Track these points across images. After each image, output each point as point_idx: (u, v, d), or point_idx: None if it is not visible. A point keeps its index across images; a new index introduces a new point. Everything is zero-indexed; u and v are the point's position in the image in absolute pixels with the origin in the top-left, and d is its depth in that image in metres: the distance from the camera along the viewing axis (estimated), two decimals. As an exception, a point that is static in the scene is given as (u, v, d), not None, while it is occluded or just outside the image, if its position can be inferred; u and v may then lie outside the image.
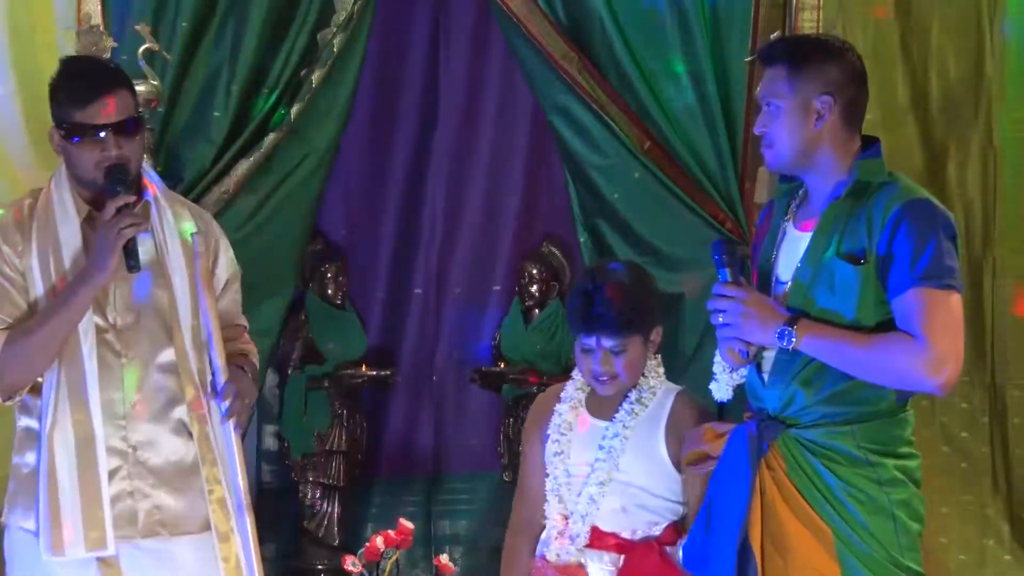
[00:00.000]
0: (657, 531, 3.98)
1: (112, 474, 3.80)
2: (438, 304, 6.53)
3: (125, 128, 3.78)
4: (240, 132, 5.46)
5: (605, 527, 3.96)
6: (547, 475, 4.05)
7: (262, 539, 4.07)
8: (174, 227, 3.91)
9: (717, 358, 3.79)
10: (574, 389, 4.12)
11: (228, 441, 3.91)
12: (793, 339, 3.50)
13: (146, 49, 5.28)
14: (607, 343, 3.96)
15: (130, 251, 3.72)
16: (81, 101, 3.77)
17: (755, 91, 4.79)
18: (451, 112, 6.43)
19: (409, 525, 5.45)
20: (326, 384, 6.28)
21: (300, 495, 6.29)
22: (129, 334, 3.84)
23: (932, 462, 5.17)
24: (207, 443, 3.86)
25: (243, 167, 5.45)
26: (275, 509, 6.29)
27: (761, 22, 5.46)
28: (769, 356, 3.65)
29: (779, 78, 3.60)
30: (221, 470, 3.87)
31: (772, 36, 5.30)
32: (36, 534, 3.77)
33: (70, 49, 5.31)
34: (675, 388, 4.07)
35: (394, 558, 5.53)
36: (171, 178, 5.13)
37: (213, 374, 3.89)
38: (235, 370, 3.92)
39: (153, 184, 3.95)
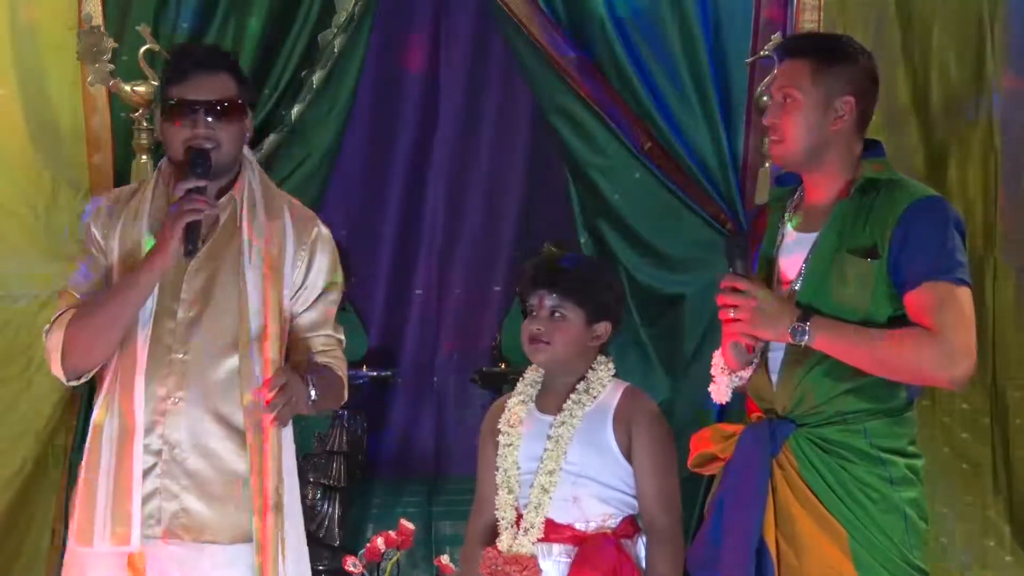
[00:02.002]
0: (612, 523, 3.98)
1: (147, 472, 3.70)
2: (439, 305, 6.53)
3: (217, 109, 3.72)
4: (241, 133, 5.45)
5: (559, 519, 3.96)
6: (497, 468, 4.05)
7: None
8: (264, 228, 3.81)
9: (714, 361, 3.79)
10: (524, 385, 4.14)
11: (287, 453, 3.81)
12: (807, 336, 3.50)
13: (147, 50, 5.29)
14: (548, 301, 4.00)
15: (188, 235, 3.61)
16: (178, 76, 3.75)
17: (756, 90, 4.79)
18: (451, 113, 6.43)
19: (410, 526, 5.45)
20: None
21: (301, 496, 6.29)
22: (190, 329, 3.73)
23: (933, 463, 5.17)
24: (260, 454, 3.72)
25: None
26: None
27: (762, 22, 5.46)
28: (775, 356, 3.65)
29: (803, 72, 3.61)
30: (271, 483, 3.73)
31: (773, 36, 5.30)
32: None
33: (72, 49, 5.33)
34: (623, 383, 4.08)
35: (395, 559, 5.53)
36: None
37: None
38: (289, 370, 3.72)
39: (250, 180, 3.86)
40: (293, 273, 3.83)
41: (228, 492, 3.73)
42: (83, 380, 3.78)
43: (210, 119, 3.71)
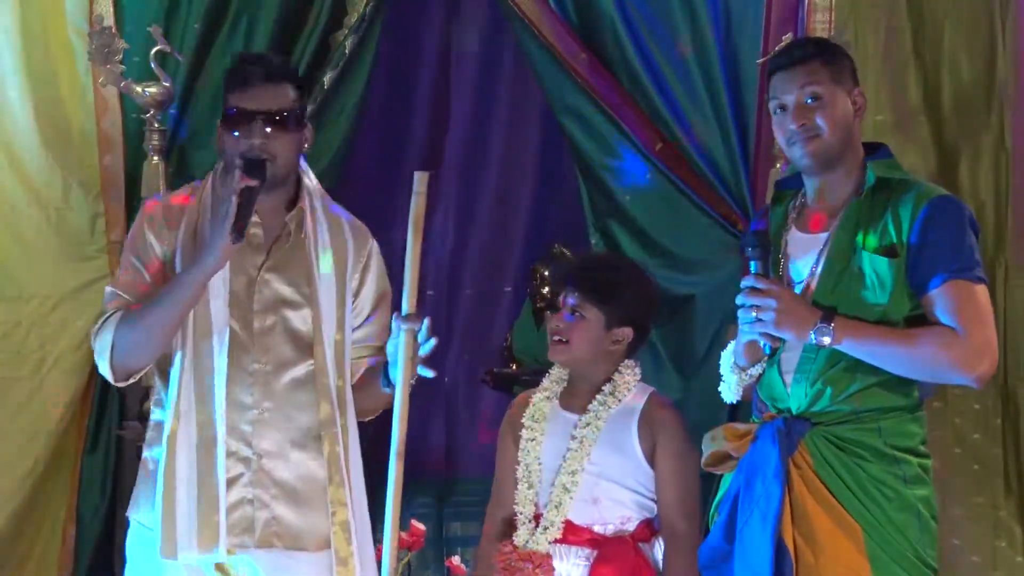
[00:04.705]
0: (630, 526, 3.99)
1: (234, 481, 3.72)
2: (450, 305, 6.53)
3: (276, 120, 3.71)
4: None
5: (577, 520, 3.96)
6: (518, 462, 4.06)
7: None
8: (328, 239, 3.83)
9: (724, 360, 3.80)
10: (550, 382, 4.14)
11: (356, 466, 3.83)
12: (831, 336, 3.50)
13: (158, 50, 5.30)
14: (569, 300, 4.04)
15: (238, 220, 3.59)
16: (238, 85, 3.75)
17: (767, 93, 4.79)
18: (462, 113, 6.43)
19: (421, 526, 5.45)
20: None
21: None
22: (267, 338, 3.76)
23: (945, 463, 5.18)
24: (336, 463, 3.75)
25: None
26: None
27: (773, 23, 5.46)
28: (788, 356, 3.66)
29: (819, 71, 3.66)
30: (347, 493, 3.77)
31: (784, 38, 5.30)
32: (154, 532, 3.71)
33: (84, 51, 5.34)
34: (649, 388, 4.08)
35: (406, 560, 5.53)
36: (183, 179, 5.14)
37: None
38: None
39: (312, 193, 3.87)
40: (351, 284, 3.87)
41: (311, 499, 3.77)
42: (131, 381, 3.79)
43: (268, 129, 3.71)
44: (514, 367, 6.36)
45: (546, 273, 6.37)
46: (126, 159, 5.43)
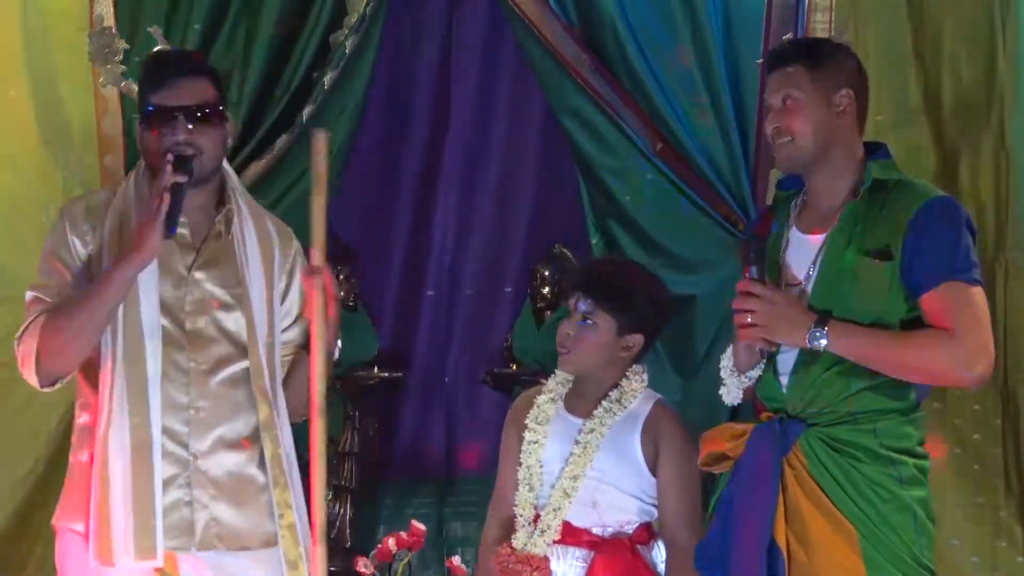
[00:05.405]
0: (629, 529, 3.98)
1: (169, 482, 3.64)
2: (450, 306, 6.53)
3: (197, 114, 3.66)
4: (252, 134, 5.47)
5: (576, 522, 3.96)
6: (519, 464, 4.05)
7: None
8: (256, 240, 3.78)
9: (724, 363, 3.80)
10: (555, 383, 4.13)
11: (295, 467, 3.77)
12: (825, 340, 3.50)
13: (158, 51, 5.29)
14: (582, 306, 4.00)
15: (168, 218, 3.54)
16: (156, 83, 3.70)
17: (766, 94, 4.79)
18: (463, 114, 6.42)
19: (421, 527, 5.46)
20: (338, 386, 6.28)
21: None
22: (201, 339, 3.69)
23: (945, 464, 5.18)
24: (279, 465, 3.71)
25: (255, 169, 5.46)
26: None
27: (773, 24, 5.46)
28: (784, 357, 3.66)
29: (798, 74, 3.64)
30: (293, 496, 3.73)
31: (784, 38, 5.30)
32: (87, 538, 3.63)
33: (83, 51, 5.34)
34: (655, 395, 4.08)
35: (406, 560, 5.53)
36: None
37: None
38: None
39: (236, 190, 3.83)
40: (279, 286, 3.82)
41: (250, 498, 3.71)
42: (58, 385, 3.72)
43: (191, 125, 3.66)
44: (514, 367, 6.35)
45: (546, 273, 6.37)
46: (126, 159, 5.43)
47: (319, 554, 3.63)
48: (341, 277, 6.38)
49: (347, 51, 5.51)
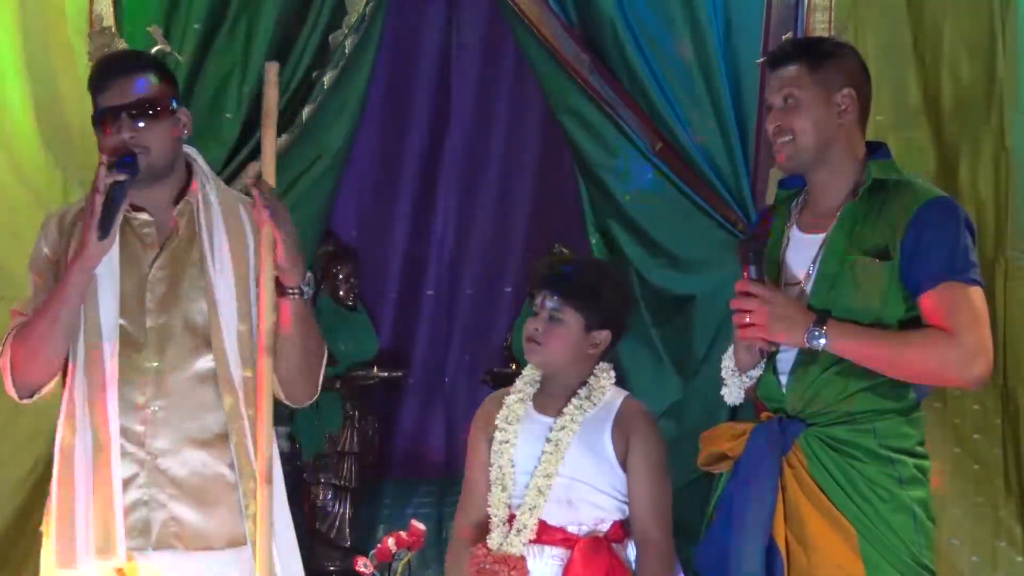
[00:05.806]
0: (604, 527, 3.98)
1: (128, 482, 3.64)
2: (450, 305, 6.55)
3: (138, 110, 3.65)
4: (252, 133, 5.46)
5: (551, 521, 3.95)
6: (491, 465, 4.05)
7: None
8: (223, 227, 3.75)
9: (724, 363, 3.80)
10: (523, 383, 4.13)
11: (275, 460, 3.73)
12: (824, 340, 3.51)
13: (158, 50, 5.29)
14: (548, 303, 3.99)
15: (104, 218, 3.53)
16: (100, 86, 3.71)
17: (767, 93, 4.79)
18: (463, 113, 6.44)
19: (421, 526, 5.45)
20: (338, 385, 6.29)
21: (312, 496, 6.30)
22: (161, 337, 3.68)
23: (944, 464, 5.18)
24: (246, 455, 3.67)
25: (255, 169, 5.46)
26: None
27: (773, 23, 5.46)
28: (784, 357, 3.66)
29: (800, 73, 3.65)
30: (257, 483, 3.67)
31: (784, 37, 5.31)
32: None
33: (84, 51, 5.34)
34: (623, 392, 4.08)
35: (406, 559, 5.53)
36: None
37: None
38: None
39: (203, 182, 3.80)
40: (253, 270, 3.77)
41: (217, 497, 3.69)
42: (35, 397, 3.74)
43: (140, 123, 3.66)
44: (514, 367, 6.36)
45: (546, 273, 6.37)
46: (126, 159, 5.42)
47: (265, 494, 3.63)
48: (341, 277, 6.40)
49: (347, 51, 5.51)
